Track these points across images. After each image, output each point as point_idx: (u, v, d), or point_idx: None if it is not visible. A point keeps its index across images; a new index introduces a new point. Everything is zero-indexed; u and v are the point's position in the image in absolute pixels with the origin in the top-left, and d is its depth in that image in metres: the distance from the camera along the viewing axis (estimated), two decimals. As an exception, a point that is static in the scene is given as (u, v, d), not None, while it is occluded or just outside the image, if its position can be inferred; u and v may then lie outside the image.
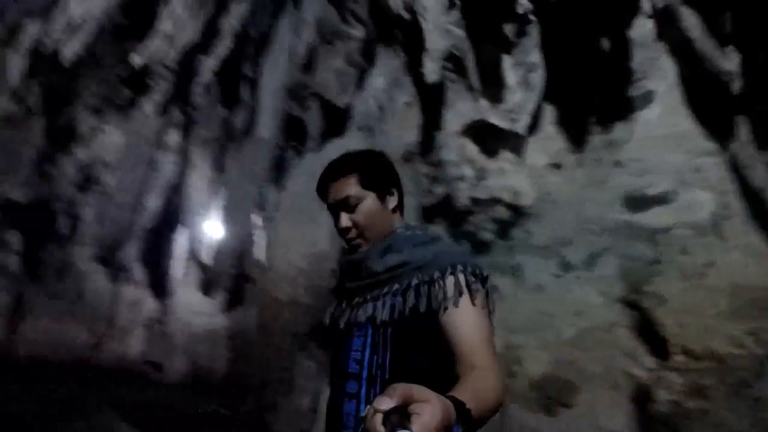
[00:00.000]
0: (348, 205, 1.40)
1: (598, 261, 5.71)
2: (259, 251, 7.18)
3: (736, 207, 5.00)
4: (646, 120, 5.55)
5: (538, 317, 5.65)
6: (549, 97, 6.01)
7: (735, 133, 5.10)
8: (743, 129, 5.06)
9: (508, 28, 5.64)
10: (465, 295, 1.25)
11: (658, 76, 5.47)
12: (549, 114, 6.08)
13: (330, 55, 7.35)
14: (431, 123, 6.72)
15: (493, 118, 5.88)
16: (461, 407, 0.90)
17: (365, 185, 1.42)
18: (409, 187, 7.10)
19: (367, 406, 0.81)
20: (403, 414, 0.77)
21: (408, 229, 1.46)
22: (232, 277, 7.59)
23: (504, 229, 6.32)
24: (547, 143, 5.95)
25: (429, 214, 7.02)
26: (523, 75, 5.61)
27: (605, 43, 5.65)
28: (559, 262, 5.84)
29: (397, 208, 1.50)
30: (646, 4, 5.36)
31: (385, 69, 6.81)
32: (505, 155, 6.13)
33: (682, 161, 5.28)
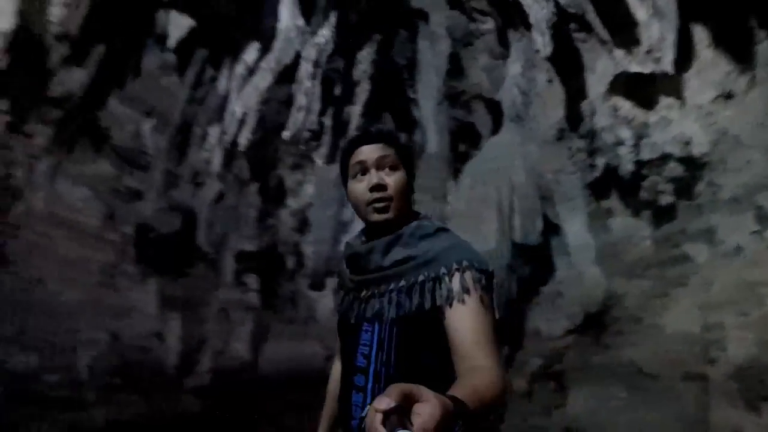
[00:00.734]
0: (384, 166, 1.36)
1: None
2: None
3: None
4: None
5: (739, 287, 4.74)
6: (690, 16, 5.11)
7: None
8: None
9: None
10: (470, 293, 1.23)
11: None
12: (698, 37, 5.15)
13: (472, 55, 7.49)
14: (575, 94, 6.35)
15: (635, 66, 5.26)
16: (461, 406, 0.88)
17: (400, 160, 1.39)
18: (569, 167, 6.75)
19: (367, 406, 0.81)
20: (402, 414, 0.76)
21: (417, 222, 1.40)
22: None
23: (684, 187, 5.52)
24: (707, 72, 5.02)
25: (597, 191, 6.58)
26: (652, 3, 4.90)
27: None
28: (755, 215, 4.84)
29: (411, 200, 1.46)
30: None
31: (518, 54, 6.68)
32: (662, 102, 5.39)
33: None
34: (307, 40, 6.56)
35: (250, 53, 6.92)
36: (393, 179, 1.35)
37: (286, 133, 6.48)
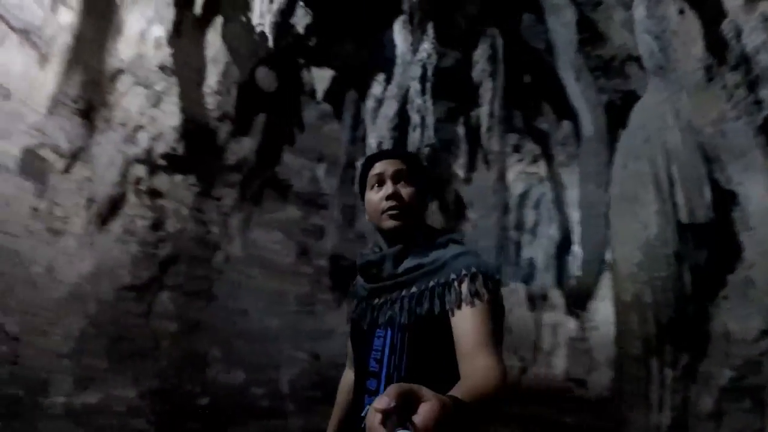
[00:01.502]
0: (399, 179, 1.48)
1: None
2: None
3: None
4: None
5: None
6: None
7: None
8: None
9: None
10: (478, 297, 1.28)
11: None
12: None
13: (606, 15, 6.33)
14: (713, 17, 4.92)
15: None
16: (461, 405, 0.91)
17: (415, 176, 1.51)
18: (729, 112, 5.29)
19: (367, 406, 0.86)
20: (403, 413, 0.77)
21: (426, 232, 1.49)
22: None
23: None
24: None
25: None
26: None
27: None
28: None
29: (424, 214, 1.56)
30: None
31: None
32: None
33: None
34: (412, 59, 6.61)
35: (377, 86, 7.32)
36: (406, 191, 1.46)
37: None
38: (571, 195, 7.69)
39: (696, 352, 5.49)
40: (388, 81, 7.22)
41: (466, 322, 1.25)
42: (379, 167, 1.50)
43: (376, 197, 1.47)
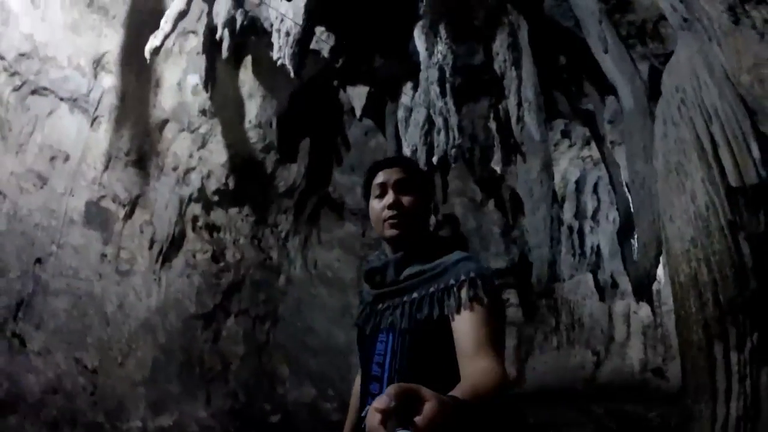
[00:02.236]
0: (400, 188, 1.51)
1: None
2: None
3: None
4: None
5: None
6: None
7: None
8: None
9: None
10: (476, 302, 1.30)
11: None
12: None
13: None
14: None
15: None
16: (461, 405, 0.92)
17: (415, 185, 1.55)
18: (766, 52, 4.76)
19: (367, 407, 0.83)
20: (402, 414, 0.77)
21: (429, 240, 1.54)
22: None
23: None
24: None
25: None
26: None
27: None
28: None
29: (427, 220, 1.61)
30: None
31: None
32: None
33: None
34: (429, 63, 6.55)
35: (406, 95, 7.34)
36: (407, 200, 1.50)
37: (435, 158, 6.50)
38: (628, 175, 7.12)
39: (764, 333, 4.86)
40: (415, 88, 7.22)
41: (466, 326, 1.28)
42: (381, 176, 1.52)
43: (378, 206, 1.50)
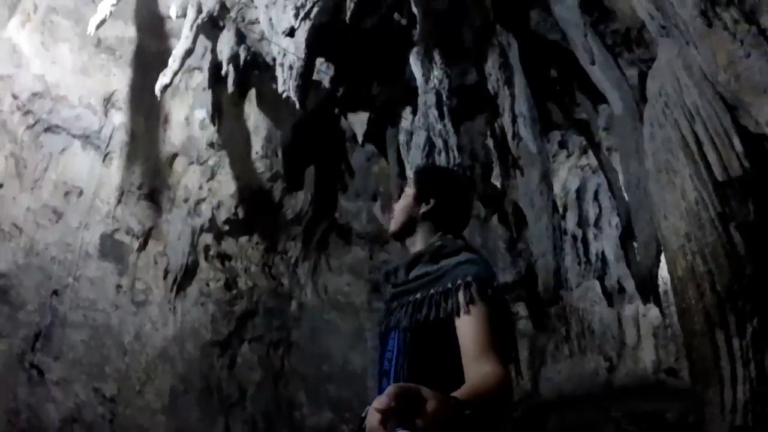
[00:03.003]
0: (401, 194, 1.71)
1: None
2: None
3: None
4: None
5: None
6: None
7: None
8: None
9: None
10: (472, 306, 1.33)
11: None
12: None
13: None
14: None
15: None
16: (461, 405, 0.93)
17: (415, 182, 1.68)
18: (739, 50, 4.99)
19: (367, 406, 0.83)
20: (403, 414, 0.76)
21: (440, 242, 1.57)
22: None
23: None
24: None
25: None
26: None
27: None
28: None
29: (431, 218, 1.62)
30: None
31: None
32: None
33: None
34: (426, 87, 6.84)
35: (405, 119, 7.62)
36: (398, 203, 1.67)
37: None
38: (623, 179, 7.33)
39: (764, 316, 4.97)
40: (414, 112, 7.49)
41: (466, 329, 1.31)
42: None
43: None
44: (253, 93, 7.66)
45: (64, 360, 5.95)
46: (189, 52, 6.27)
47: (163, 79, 6.19)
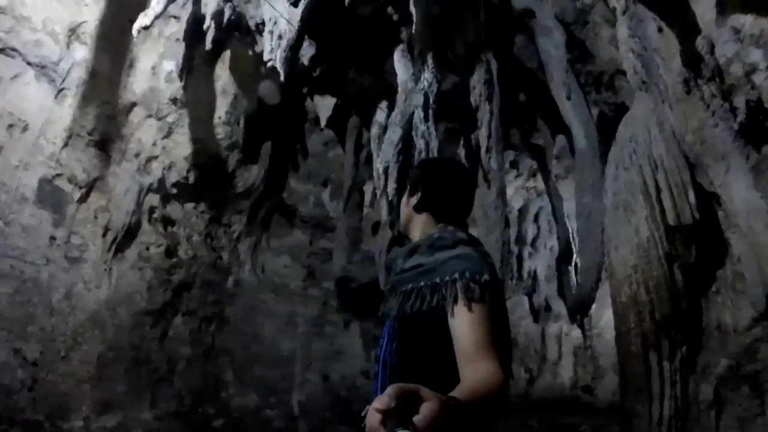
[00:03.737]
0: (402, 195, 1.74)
1: None
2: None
3: None
4: None
5: None
6: None
7: None
8: None
9: None
10: (461, 302, 1.32)
11: None
12: None
13: (593, 32, 6.65)
14: (688, 33, 5.21)
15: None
16: (461, 405, 0.93)
17: (413, 184, 1.71)
18: (709, 120, 5.55)
19: (367, 406, 0.83)
20: (402, 414, 0.77)
21: (437, 234, 1.56)
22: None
23: None
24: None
25: (751, 137, 5.22)
26: None
27: None
28: None
29: (423, 209, 1.64)
30: None
31: (621, 15, 5.81)
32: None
33: None
34: (414, 88, 6.92)
35: (381, 113, 7.63)
36: (402, 203, 1.72)
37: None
38: (569, 207, 7.88)
39: (692, 345, 5.67)
40: (390, 108, 7.51)
41: (458, 328, 1.30)
42: None
43: None
44: (227, 55, 7.21)
45: (-17, 314, 5.28)
46: (175, -3, 5.79)
47: (143, 19, 5.65)
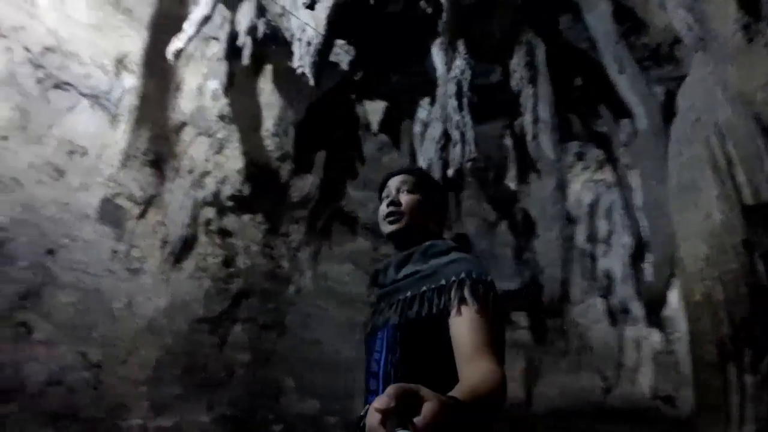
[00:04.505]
0: (401, 190, 1.66)
1: None
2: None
3: None
4: None
5: None
6: None
7: None
8: None
9: None
10: (466, 303, 1.32)
11: None
12: None
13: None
14: None
15: None
16: (460, 405, 0.92)
17: (418, 186, 1.68)
18: None
19: (366, 406, 0.87)
20: (402, 414, 0.76)
21: (429, 242, 1.58)
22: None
23: None
24: None
25: None
26: None
27: None
28: None
29: (434, 224, 1.69)
30: None
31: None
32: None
33: None
34: (447, 77, 6.63)
35: (422, 110, 7.43)
36: (406, 198, 1.64)
37: (450, 170, 6.50)
38: (640, 197, 7.08)
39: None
40: (432, 104, 7.30)
41: (461, 328, 1.30)
42: (388, 183, 1.72)
43: (381, 207, 1.69)
44: (269, 69, 7.46)
45: (52, 320, 5.82)
46: (206, 19, 6.07)
47: (176, 43, 6.00)
